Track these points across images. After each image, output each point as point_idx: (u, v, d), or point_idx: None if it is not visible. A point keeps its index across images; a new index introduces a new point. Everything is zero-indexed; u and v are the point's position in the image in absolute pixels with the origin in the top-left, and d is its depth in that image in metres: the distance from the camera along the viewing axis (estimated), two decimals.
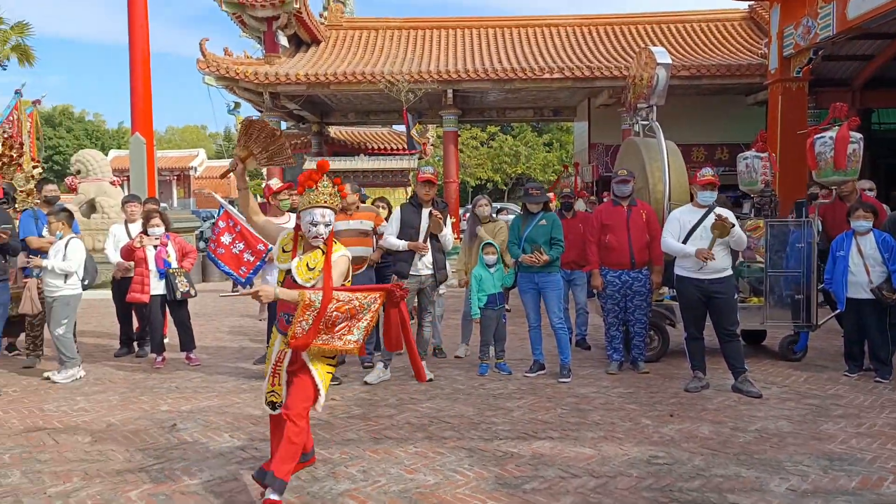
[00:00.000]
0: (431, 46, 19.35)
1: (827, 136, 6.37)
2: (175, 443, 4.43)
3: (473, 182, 41.91)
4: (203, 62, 16.36)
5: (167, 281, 6.54)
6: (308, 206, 3.33)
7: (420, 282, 5.96)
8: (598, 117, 19.15)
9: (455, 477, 3.81)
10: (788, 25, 12.59)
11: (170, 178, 36.59)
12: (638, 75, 7.83)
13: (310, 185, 3.33)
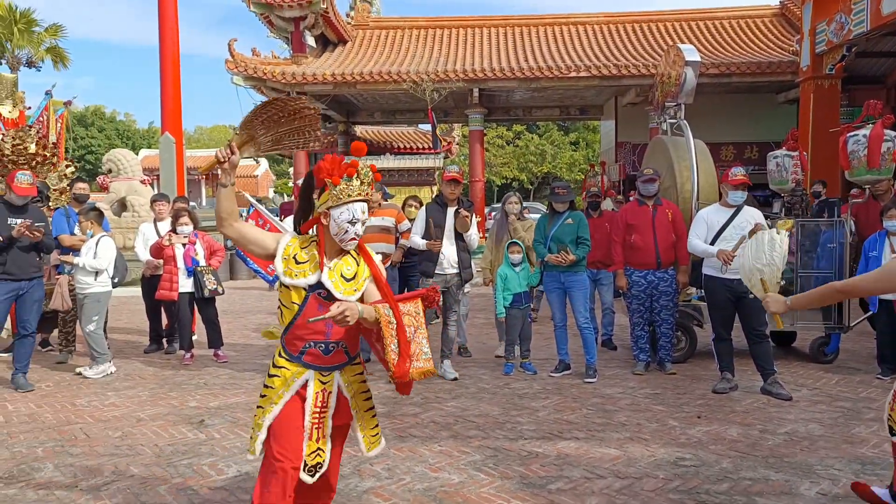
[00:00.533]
0: (457, 46, 19.35)
1: (860, 135, 6.25)
2: (203, 438, 4.49)
3: (499, 181, 41.84)
4: (231, 62, 16.56)
5: (195, 279, 6.64)
6: (347, 199, 2.60)
7: (445, 281, 5.96)
8: (625, 116, 18.99)
9: (479, 476, 3.81)
10: (821, 22, 12.35)
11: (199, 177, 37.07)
12: (666, 73, 7.75)
13: (350, 172, 2.62)
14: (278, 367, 2.71)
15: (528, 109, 21.45)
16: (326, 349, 2.67)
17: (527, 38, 19.39)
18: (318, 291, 2.63)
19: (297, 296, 2.62)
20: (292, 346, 2.68)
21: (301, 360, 2.67)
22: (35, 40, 22.84)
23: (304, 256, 2.67)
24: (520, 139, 42.32)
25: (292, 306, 2.63)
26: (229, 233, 2.64)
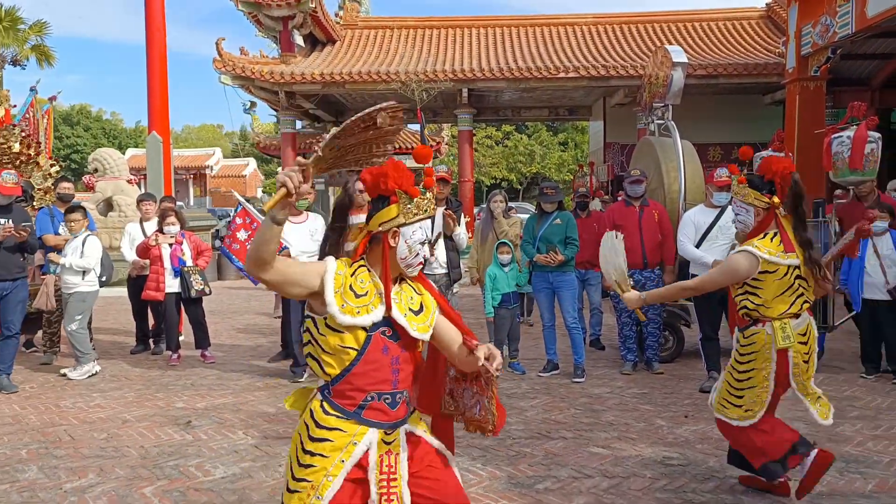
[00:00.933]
0: (446, 46, 19.34)
1: (844, 136, 6.30)
2: (189, 439, 4.46)
3: (488, 181, 41.88)
4: (219, 61, 16.46)
5: (182, 279, 6.60)
6: (423, 215, 2.13)
7: (434, 281, 5.95)
8: (613, 116, 19.04)
9: (468, 476, 3.81)
10: (806, 24, 12.44)
11: (186, 177, 36.91)
12: (654, 74, 7.78)
13: (430, 183, 2.15)
14: (327, 429, 2.06)
15: (517, 110, 21.46)
16: (393, 401, 2.12)
17: (516, 39, 19.41)
18: (383, 330, 2.09)
19: (354, 338, 2.05)
20: (346, 400, 2.09)
21: (360, 416, 2.08)
22: (20, 38, 22.62)
23: (361, 286, 2.10)
24: (509, 139, 42.38)
25: (347, 351, 2.05)
26: (270, 278, 2.02)
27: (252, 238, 5.99)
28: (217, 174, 39.86)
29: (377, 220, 2.13)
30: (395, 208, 2.10)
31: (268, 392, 5.63)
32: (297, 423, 2.17)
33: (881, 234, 5.77)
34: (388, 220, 2.10)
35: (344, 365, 2.07)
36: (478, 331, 8.02)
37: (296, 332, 6.02)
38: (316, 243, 6.00)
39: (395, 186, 2.09)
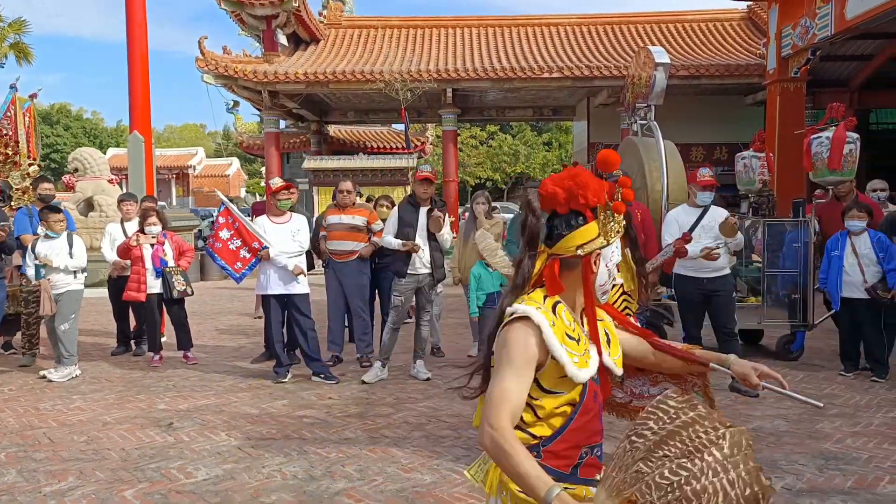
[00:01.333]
0: (431, 45, 19.33)
1: (824, 136, 6.38)
2: (171, 441, 4.42)
3: (473, 181, 41.90)
4: (202, 60, 16.34)
5: (164, 279, 6.54)
6: (621, 231, 1.81)
7: (418, 281, 5.95)
8: (597, 117, 19.14)
9: (452, 476, 3.81)
10: (787, 26, 12.59)
11: (168, 177, 36.61)
12: (637, 75, 7.84)
13: (630, 195, 1.79)
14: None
15: (502, 110, 21.50)
16: (601, 453, 1.85)
17: (500, 39, 19.45)
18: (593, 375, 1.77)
19: (571, 393, 1.72)
20: (561, 461, 1.73)
21: (577, 476, 1.76)
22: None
23: (571, 328, 1.74)
24: (493, 139, 42.43)
25: (565, 409, 1.73)
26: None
27: (234, 237, 5.96)
28: (200, 174, 39.56)
29: (571, 241, 1.74)
30: (594, 227, 1.75)
31: (251, 393, 5.60)
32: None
33: (859, 233, 5.84)
34: (589, 241, 1.74)
35: (558, 425, 1.73)
36: (462, 330, 8.06)
37: (277, 333, 5.99)
38: (297, 244, 5.97)
39: (596, 201, 1.73)
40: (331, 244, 6.51)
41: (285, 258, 5.86)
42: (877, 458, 4.00)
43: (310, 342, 5.96)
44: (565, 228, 1.75)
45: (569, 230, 1.75)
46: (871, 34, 12.69)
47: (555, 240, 1.77)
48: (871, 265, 5.75)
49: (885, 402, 5.16)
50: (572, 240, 1.74)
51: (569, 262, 1.76)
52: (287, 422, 4.81)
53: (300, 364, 6.32)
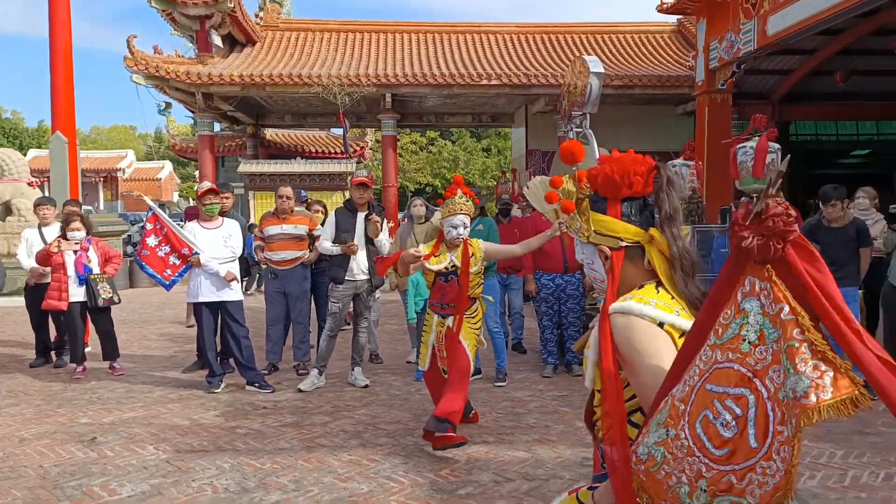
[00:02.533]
0: (370, 50, 19.24)
1: (748, 146, 6.65)
2: (94, 457, 4.22)
3: (413, 186, 41.88)
4: (131, 60, 15.77)
5: (88, 287, 6.26)
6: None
7: (355, 287, 5.88)
8: (535, 124, 19.42)
9: (389, 484, 3.76)
10: (713, 39, 13.09)
11: (95, 180, 35.17)
12: (572, 83, 7.99)
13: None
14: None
15: (441, 116, 21.57)
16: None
17: (439, 46, 19.52)
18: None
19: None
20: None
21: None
22: None
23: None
24: (433, 145, 42.55)
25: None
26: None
27: (162, 243, 5.76)
28: (130, 177, 38.15)
29: (631, 233, 1.63)
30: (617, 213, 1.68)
31: (181, 404, 5.41)
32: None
33: None
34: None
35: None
36: (401, 336, 8.01)
37: (210, 341, 5.80)
38: (229, 249, 5.81)
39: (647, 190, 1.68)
40: (272, 255, 6.36)
41: (217, 264, 5.69)
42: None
43: (244, 350, 5.80)
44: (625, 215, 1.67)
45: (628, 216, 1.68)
46: (791, 50, 13.33)
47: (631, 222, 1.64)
48: None
49: None
50: (633, 233, 1.65)
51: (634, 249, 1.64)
52: (219, 433, 4.67)
53: (234, 373, 6.15)
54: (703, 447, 1.24)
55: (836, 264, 5.54)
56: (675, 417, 1.29)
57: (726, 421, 1.21)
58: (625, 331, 1.49)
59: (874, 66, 14.71)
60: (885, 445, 4.32)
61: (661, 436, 1.31)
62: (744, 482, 1.18)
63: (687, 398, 1.29)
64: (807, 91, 15.54)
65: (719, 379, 1.24)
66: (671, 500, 1.28)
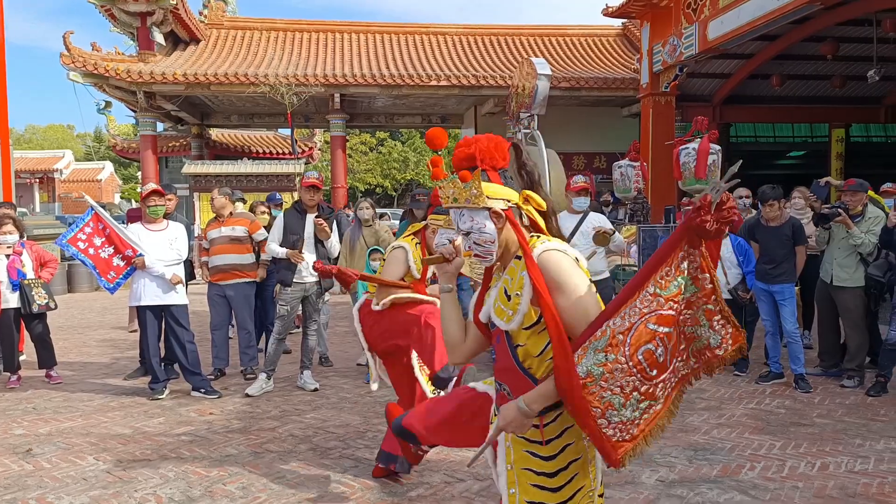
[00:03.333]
0: (318, 50, 19.03)
1: (690, 148, 6.84)
2: (30, 469, 4.05)
3: (363, 187, 41.64)
4: (67, 57, 15.22)
5: (22, 293, 6.01)
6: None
7: (304, 289, 5.81)
8: (484, 125, 19.53)
9: (339, 488, 3.73)
10: (657, 43, 13.42)
11: (31, 181, 33.78)
12: (520, 85, 8.07)
13: (437, 174, 2.13)
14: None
15: (391, 116, 21.51)
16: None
17: (388, 46, 19.46)
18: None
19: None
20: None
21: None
22: None
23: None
24: (383, 146, 42.40)
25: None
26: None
27: (105, 244, 5.57)
28: (68, 178, 36.80)
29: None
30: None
31: (123, 412, 5.24)
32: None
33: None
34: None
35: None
36: (351, 338, 7.94)
37: (153, 347, 5.64)
38: (175, 252, 5.66)
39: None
40: (212, 259, 6.23)
41: (161, 266, 5.54)
42: (739, 446, 4.31)
43: (189, 355, 5.66)
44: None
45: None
46: (731, 54, 13.78)
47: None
48: (733, 267, 6.20)
49: (746, 394, 5.58)
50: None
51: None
52: (164, 441, 4.54)
53: (179, 379, 5.99)
54: (642, 370, 1.69)
55: (774, 261, 5.76)
56: (614, 346, 1.68)
57: (662, 351, 1.69)
58: (557, 264, 1.81)
59: (807, 71, 15.34)
60: (821, 436, 4.50)
61: (601, 359, 1.69)
62: (658, 390, 1.73)
63: (626, 332, 1.69)
64: (746, 94, 16.09)
65: (660, 321, 1.69)
66: (603, 406, 1.70)
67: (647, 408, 1.73)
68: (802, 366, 5.72)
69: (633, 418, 1.72)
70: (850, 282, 5.76)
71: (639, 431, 1.74)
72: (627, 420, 1.72)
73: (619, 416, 1.70)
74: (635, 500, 3.52)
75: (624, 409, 1.71)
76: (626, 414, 1.71)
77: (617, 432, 1.72)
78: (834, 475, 3.84)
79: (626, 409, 1.71)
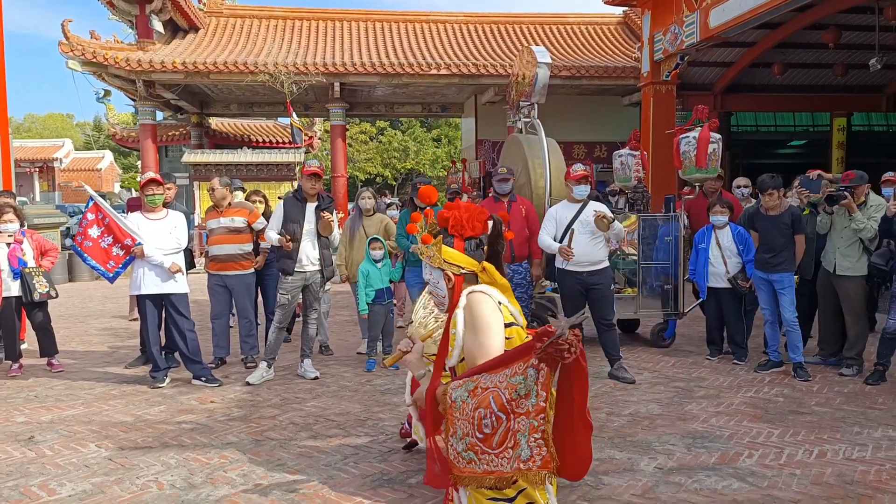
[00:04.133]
0: (318, 38, 18.95)
1: (691, 136, 6.81)
2: (32, 456, 4.08)
3: (363, 177, 41.57)
4: (66, 45, 15.15)
5: (23, 281, 6.02)
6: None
7: (305, 278, 5.82)
8: (484, 114, 19.49)
9: (340, 475, 3.75)
10: (658, 31, 13.35)
11: (30, 171, 33.71)
12: (520, 73, 8.04)
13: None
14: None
15: (391, 105, 21.44)
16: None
17: (388, 34, 19.37)
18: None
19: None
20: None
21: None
22: None
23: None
24: (383, 135, 42.28)
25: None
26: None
27: (105, 234, 5.57)
28: (67, 167, 36.72)
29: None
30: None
31: (125, 400, 5.26)
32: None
33: (722, 227, 6.28)
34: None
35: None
36: (351, 328, 7.97)
37: (153, 335, 5.66)
38: (174, 241, 5.66)
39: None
40: (211, 249, 6.23)
41: (161, 255, 5.54)
42: (737, 434, 4.33)
43: (189, 343, 5.67)
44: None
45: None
46: (732, 43, 13.72)
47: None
48: (733, 256, 6.20)
49: (745, 382, 5.59)
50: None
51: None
52: (165, 428, 4.56)
53: (180, 367, 6.01)
54: (478, 426, 2.06)
55: (773, 250, 5.76)
56: (472, 393, 2.06)
57: (489, 423, 2.03)
58: (478, 303, 2.12)
59: (809, 60, 15.28)
60: (819, 424, 4.52)
61: (463, 396, 2.09)
62: (493, 457, 2.05)
63: (484, 390, 2.04)
64: (747, 83, 16.03)
65: (496, 400, 2.05)
66: (453, 429, 2.05)
67: (477, 460, 2.10)
68: (801, 354, 5.74)
69: (463, 456, 2.10)
70: (853, 271, 5.76)
71: (466, 471, 2.11)
72: (460, 452, 2.10)
73: (457, 444, 2.09)
74: (633, 487, 3.54)
75: (460, 441, 2.09)
76: (460, 447, 2.09)
77: (452, 455, 2.12)
78: (832, 463, 3.86)
79: (461, 443, 2.09)
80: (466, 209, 2.24)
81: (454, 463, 2.07)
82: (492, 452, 2.04)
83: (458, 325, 2.18)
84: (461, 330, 2.17)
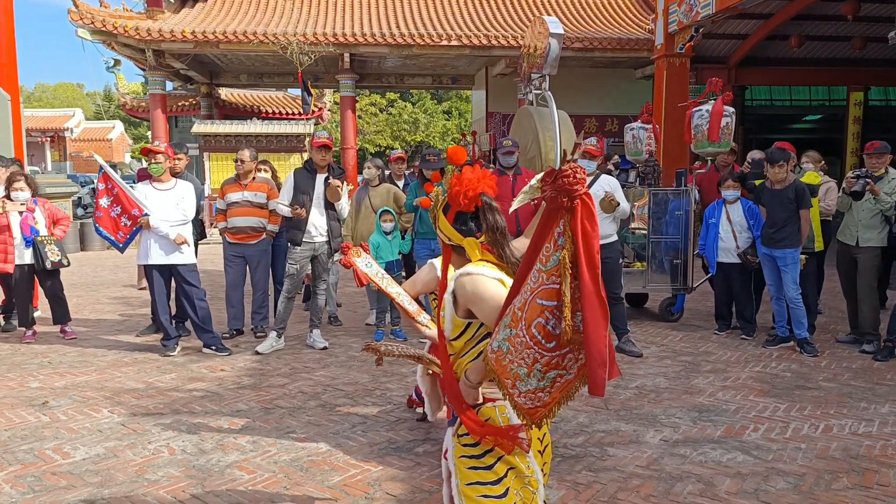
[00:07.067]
0: (328, 8, 18.74)
1: (704, 110, 6.73)
2: (46, 421, 4.15)
3: (373, 149, 41.44)
4: (75, 13, 15.07)
5: (35, 249, 6.07)
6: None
7: (314, 249, 5.84)
8: (495, 86, 19.30)
9: (347, 443, 3.80)
10: (673, 3, 13.11)
11: (41, 140, 33.81)
12: (532, 45, 7.93)
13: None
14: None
15: (401, 77, 21.26)
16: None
17: (398, 5, 19.12)
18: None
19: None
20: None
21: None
22: None
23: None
24: (393, 107, 42.02)
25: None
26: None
27: (114, 204, 5.60)
28: (78, 137, 36.78)
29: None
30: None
31: (136, 368, 5.34)
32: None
33: (733, 202, 6.23)
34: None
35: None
36: (360, 298, 8.01)
37: (162, 304, 5.71)
38: (181, 212, 5.66)
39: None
40: (232, 220, 6.26)
41: (167, 227, 5.55)
42: (743, 408, 4.34)
43: (199, 311, 5.71)
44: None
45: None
46: (748, 14, 13.46)
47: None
48: (744, 231, 6.16)
49: (752, 357, 5.60)
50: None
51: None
52: (176, 396, 4.63)
53: (191, 336, 6.08)
54: (538, 342, 1.74)
55: (776, 225, 5.68)
56: (515, 321, 1.76)
57: (554, 323, 1.71)
58: (471, 285, 2.00)
59: (826, 32, 14.96)
60: (825, 399, 4.53)
61: (507, 334, 1.77)
62: (565, 360, 1.76)
63: (523, 308, 1.75)
64: (763, 56, 15.75)
65: (546, 296, 1.72)
66: (512, 378, 1.78)
67: (557, 377, 1.79)
68: (805, 330, 5.72)
69: (541, 387, 1.80)
70: (876, 241, 5.71)
71: (551, 399, 1.82)
72: (535, 389, 1.79)
73: (526, 385, 1.79)
74: (638, 459, 3.57)
75: (529, 378, 1.78)
76: (532, 383, 1.78)
77: (527, 401, 1.81)
78: (837, 437, 3.87)
79: (532, 379, 1.78)
80: (469, 182, 2.11)
81: (531, 409, 1.85)
82: (558, 353, 1.79)
83: (446, 307, 2.10)
84: (449, 312, 2.09)
